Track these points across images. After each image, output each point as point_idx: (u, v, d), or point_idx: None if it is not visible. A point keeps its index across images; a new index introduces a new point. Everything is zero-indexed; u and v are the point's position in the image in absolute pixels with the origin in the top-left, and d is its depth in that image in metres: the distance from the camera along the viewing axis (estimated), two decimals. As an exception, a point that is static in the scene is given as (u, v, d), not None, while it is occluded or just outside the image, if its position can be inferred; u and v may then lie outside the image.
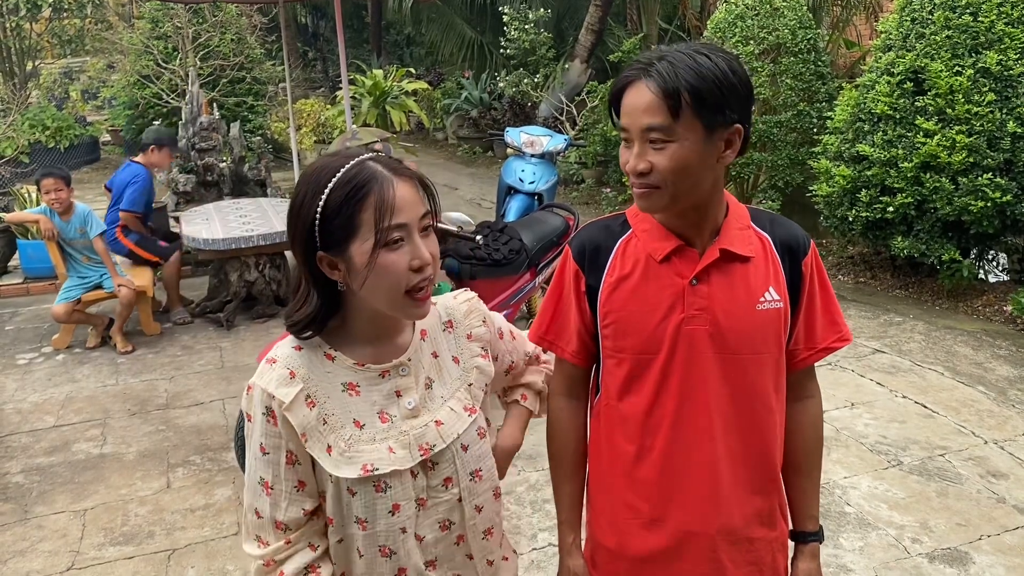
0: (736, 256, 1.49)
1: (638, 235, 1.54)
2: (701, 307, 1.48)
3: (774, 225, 1.56)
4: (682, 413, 1.51)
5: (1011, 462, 3.74)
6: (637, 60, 1.43)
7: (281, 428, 1.31)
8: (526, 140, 6.33)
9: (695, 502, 1.53)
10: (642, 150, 1.40)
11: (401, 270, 1.27)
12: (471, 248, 4.18)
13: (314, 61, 21.44)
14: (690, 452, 1.52)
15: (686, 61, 1.36)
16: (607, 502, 1.63)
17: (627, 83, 1.41)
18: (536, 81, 11.65)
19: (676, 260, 1.49)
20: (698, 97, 1.35)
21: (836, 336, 1.59)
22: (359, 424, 1.34)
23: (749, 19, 7.16)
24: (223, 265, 6.06)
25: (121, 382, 5.01)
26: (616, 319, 1.54)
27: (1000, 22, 5.43)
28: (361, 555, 1.38)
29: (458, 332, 1.49)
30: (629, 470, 1.57)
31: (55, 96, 14.27)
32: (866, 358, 4.92)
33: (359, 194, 1.25)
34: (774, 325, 1.50)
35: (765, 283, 1.50)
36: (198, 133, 7.54)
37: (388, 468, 1.33)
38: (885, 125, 5.77)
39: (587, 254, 1.58)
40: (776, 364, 1.53)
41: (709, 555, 1.55)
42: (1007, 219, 5.44)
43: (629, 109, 1.40)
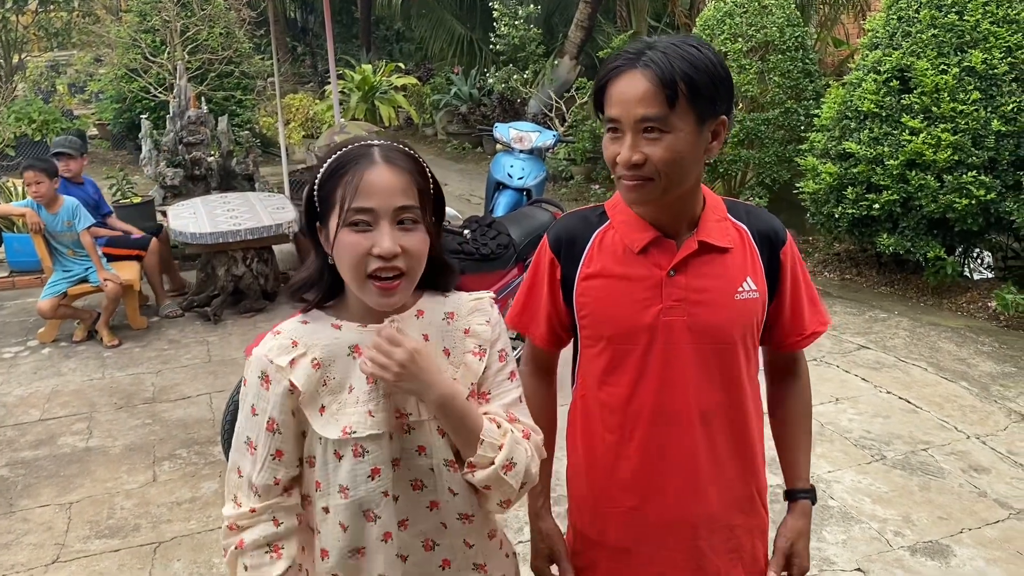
0: (714, 247, 1.50)
1: (616, 226, 1.55)
2: (679, 298, 1.49)
3: (751, 216, 1.57)
4: (661, 402, 1.52)
5: (992, 457, 3.78)
6: (624, 50, 1.42)
7: (271, 393, 1.36)
8: (515, 136, 6.33)
9: (675, 490, 1.55)
10: (635, 141, 1.38)
11: (359, 252, 1.29)
12: (459, 243, 4.19)
13: (303, 56, 21.36)
14: (669, 441, 1.53)
15: (679, 51, 1.36)
16: (587, 491, 1.65)
17: (616, 72, 1.39)
18: (525, 77, 11.65)
19: (654, 251, 1.50)
20: (693, 87, 1.35)
21: (819, 320, 1.64)
22: (351, 388, 1.37)
23: (738, 16, 7.19)
24: (210, 259, 6.04)
25: (107, 376, 5.00)
26: (593, 310, 1.55)
27: (985, 21, 5.47)
28: (345, 528, 1.39)
29: (457, 325, 1.46)
30: (609, 459, 1.59)
31: (41, 89, 14.18)
32: (851, 354, 4.96)
33: (339, 172, 1.31)
34: (751, 315, 1.52)
35: (743, 274, 1.51)
36: (186, 127, 7.50)
37: (365, 432, 1.35)
38: (871, 123, 5.81)
39: (563, 244, 1.59)
40: (749, 352, 1.55)
41: (689, 543, 1.57)
42: (991, 217, 5.49)
43: (621, 99, 1.38)
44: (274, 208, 6.31)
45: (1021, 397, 4.34)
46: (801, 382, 1.73)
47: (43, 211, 5.33)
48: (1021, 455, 3.78)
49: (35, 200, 5.30)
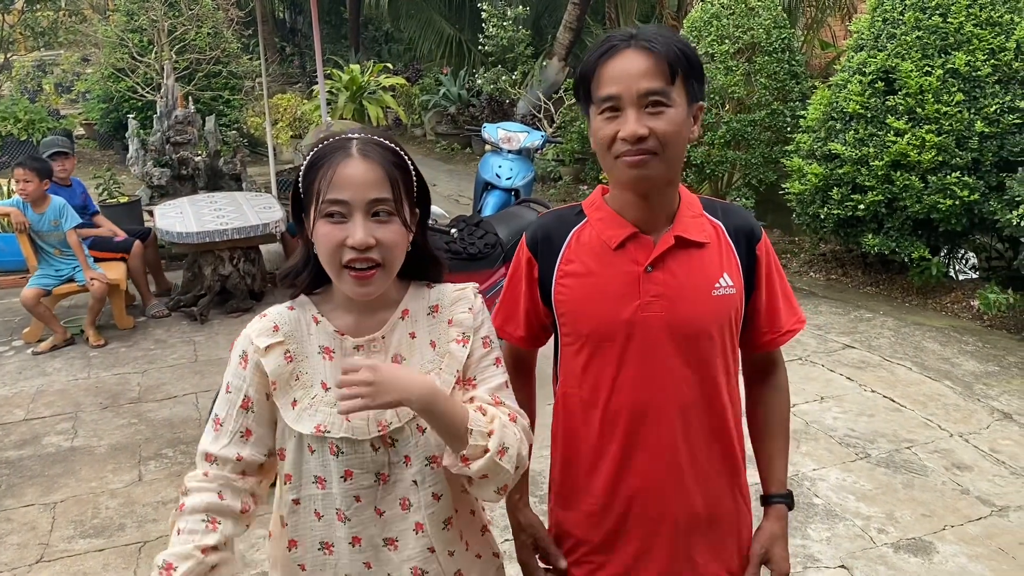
0: (691, 242, 1.51)
1: (593, 223, 1.56)
2: (656, 294, 1.49)
3: (726, 213, 1.59)
4: (641, 399, 1.53)
5: (975, 454, 3.81)
6: (611, 35, 1.44)
7: (248, 372, 1.39)
8: (503, 136, 6.35)
9: (656, 486, 1.55)
10: (638, 115, 1.39)
11: (332, 243, 1.33)
12: (446, 242, 4.20)
13: (291, 56, 21.31)
14: (649, 437, 1.54)
15: (669, 34, 1.42)
16: (570, 488, 1.65)
17: (611, 53, 1.41)
18: (514, 78, 11.67)
19: (631, 247, 1.51)
20: (689, 65, 1.40)
21: (795, 319, 1.64)
22: (325, 386, 1.39)
23: (724, 18, 7.22)
24: (197, 259, 6.03)
25: (93, 376, 4.98)
26: (571, 307, 1.56)
27: (968, 24, 5.52)
28: (320, 516, 1.41)
29: (441, 317, 1.49)
30: (590, 456, 1.59)
31: (28, 89, 14.11)
32: (836, 353, 4.99)
33: (317, 164, 1.35)
34: (728, 311, 1.53)
35: (720, 269, 1.52)
36: (173, 127, 7.48)
37: (339, 434, 1.36)
38: (857, 124, 5.85)
39: (540, 243, 1.60)
40: (727, 348, 1.56)
41: (672, 538, 1.58)
42: (975, 217, 5.53)
43: (622, 75, 1.39)
44: (261, 208, 6.30)
45: (1003, 396, 4.38)
46: (779, 384, 1.72)
47: (29, 210, 5.30)
48: (1003, 453, 3.81)
49: (22, 199, 5.28)
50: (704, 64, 5.79)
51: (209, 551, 1.32)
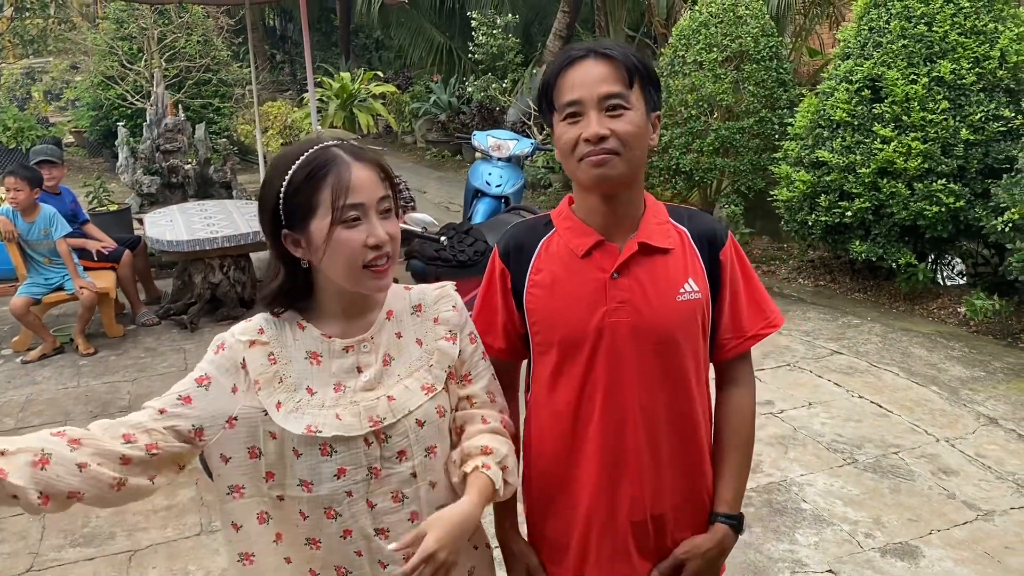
0: (655, 249, 1.54)
1: (560, 233, 1.59)
2: (623, 300, 1.52)
3: (692, 219, 1.62)
4: (609, 404, 1.55)
5: (961, 459, 3.84)
6: (570, 49, 1.51)
7: (218, 357, 1.41)
8: (493, 144, 6.37)
9: (628, 492, 1.58)
10: (599, 117, 1.45)
11: (356, 246, 1.36)
12: (436, 249, 4.21)
13: (282, 63, 21.31)
14: (619, 443, 1.56)
15: (625, 46, 1.49)
16: (543, 495, 1.67)
17: (571, 63, 1.48)
18: (504, 86, 11.70)
19: (597, 255, 1.54)
20: (646, 71, 1.47)
21: (764, 323, 1.64)
22: (311, 391, 1.41)
23: (713, 27, 7.27)
24: (187, 267, 6.03)
25: (83, 384, 4.97)
26: (542, 315, 1.59)
27: (953, 32, 5.58)
28: (305, 516, 1.43)
29: (425, 316, 1.54)
30: (561, 463, 1.62)
31: (17, 96, 14.07)
32: (824, 359, 5.02)
33: (318, 175, 1.35)
34: (694, 315, 1.55)
35: (685, 275, 1.55)
36: (163, 135, 7.49)
37: (331, 433, 1.38)
38: (844, 131, 5.90)
39: (511, 253, 1.63)
40: (696, 353, 1.58)
41: (645, 543, 1.61)
42: (961, 224, 5.59)
43: (582, 81, 1.46)
44: (251, 215, 6.30)
45: (989, 401, 4.42)
46: (742, 393, 1.68)
47: (19, 219, 5.30)
48: (989, 458, 3.85)
49: (12, 207, 5.27)
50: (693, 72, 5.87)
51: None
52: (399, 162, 12.99)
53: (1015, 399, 4.44)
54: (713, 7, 7.34)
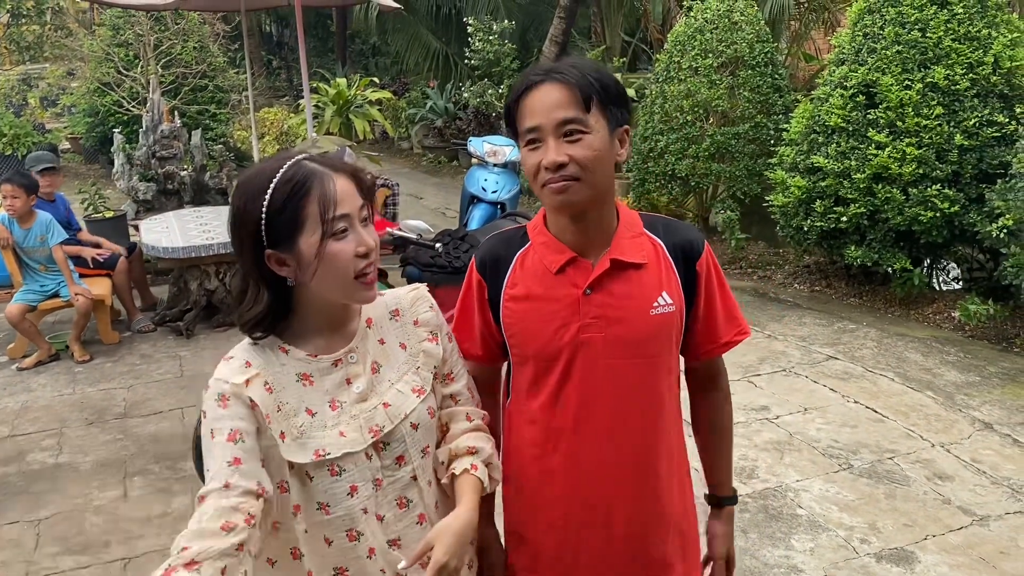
0: (628, 264, 1.55)
1: (535, 247, 1.60)
2: (596, 315, 1.53)
3: (668, 230, 1.62)
4: (582, 416, 1.57)
5: (956, 464, 3.85)
6: (529, 72, 1.51)
7: (229, 410, 1.31)
8: (489, 150, 6.39)
9: (602, 503, 1.59)
10: (557, 144, 1.45)
11: (348, 258, 1.35)
12: (431, 256, 4.22)
13: (278, 70, 21.34)
14: (592, 454, 1.58)
15: (584, 65, 1.47)
16: (520, 502, 1.68)
17: (529, 88, 1.48)
18: (500, 92, 11.72)
19: (571, 271, 1.55)
20: (605, 91, 1.45)
21: (736, 331, 1.67)
22: (311, 412, 1.39)
23: (708, 32, 7.29)
24: (183, 274, 6.02)
25: (78, 391, 4.96)
26: (518, 330, 1.60)
27: (947, 38, 5.60)
28: (330, 543, 1.40)
29: (405, 319, 1.55)
30: (536, 472, 1.63)
31: (13, 103, 14.05)
32: (820, 364, 5.03)
33: (302, 190, 1.32)
34: (667, 328, 1.57)
35: (658, 288, 1.56)
36: (159, 141, 7.49)
37: (339, 452, 1.37)
38: (839, 137, 5.91)
39: (488, 265, 1.64)
40: (668, 364, 1.60)
41: (621, 554, 1.61)
42: (955, 229, 5.60)
43: (539, 108, 1.46)
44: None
45: (984, 406, 4.43)
46: (721, 393, 1.76)
47: (15, 226, 5.30)
48: (984, 463, 3.85)
49: (8, 214, 5.27)
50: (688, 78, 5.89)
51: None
52: (396, 168, 13.00)
53: (1010, 404, 4.44)
54: (708, 13, 7.37)
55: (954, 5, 5.66)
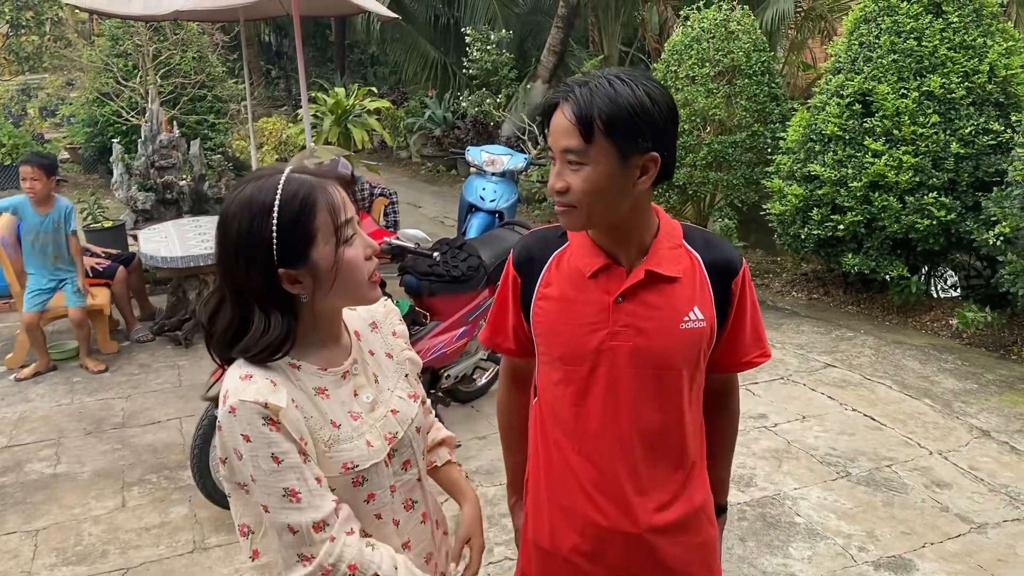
0: (662, 277, 1.54)
1: (572, 249, 1.61)
2: (625, 324, 1.53)
3: (707, 247, 1.61)
4: (605, 422, 1.58)
5: (954, 472, 3.85)
6: (565, 83, 1.49)
7: (284, 433, 1.27)
8: (487, 159, 6.41)
9: (621, 505, 1.60)
10: (561, 170, 1.47)
11: (362, 261, 1.36)
12: (429, 265, 4.22)
13: (277, 79, 21.38)
14: (612, 458, 1.59)
15: (605, 88, 1.41)
16: (543, 500, 1.70)
17: (553, 105, 1.48)
18: (499, 101, 11.75)
19: (604, 277, 1.55)
20: (610, 124, 1.40)
21: (759, 352, 1.68)
22: (336, 424, 1.37)
23: (705, 42, 7.32)
24: (181, 283, 6.03)
25: (76, 401, 4.96)
26: (546, 329, 1.62)
27: (943, 47, 5.62)
28: None
29: (384, 331, 1.57)
30: (560, 472, 1.65)
31: (12, 113, 14.09)
32: (817, 372, 5.03)
33: (308, 204, 1.30)
34: (696, 344, 1.56)
35: (691, 303, 1.55)
36: (158, 151, 7.50)
37: (368, 463, 1.38)
38: (835, 145, 5.93)
39: (523, 263, 1.66)
40: (692, 379, 1.60)
41: (638, 558, 1.62)
42: (952, 237, 5.61)
43: (552, 130, 1.47)
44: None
45: (982, 413, 4.43)
46: (731, 411, 1.80)
47: (30, 211, 5.24)
48: (982, 470, 3.86)
49: (29, 197, 5.22)
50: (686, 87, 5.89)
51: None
52: (394, 177, 13.02)
53: (1008, 411, 4.45)
54: (705, 23, 7.39)
55: (949, 14, 5.69)
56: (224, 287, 1.35)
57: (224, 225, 1.32)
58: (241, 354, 1.32)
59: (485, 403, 4.73)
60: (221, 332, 1.34)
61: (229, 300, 1.34)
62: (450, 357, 4.30)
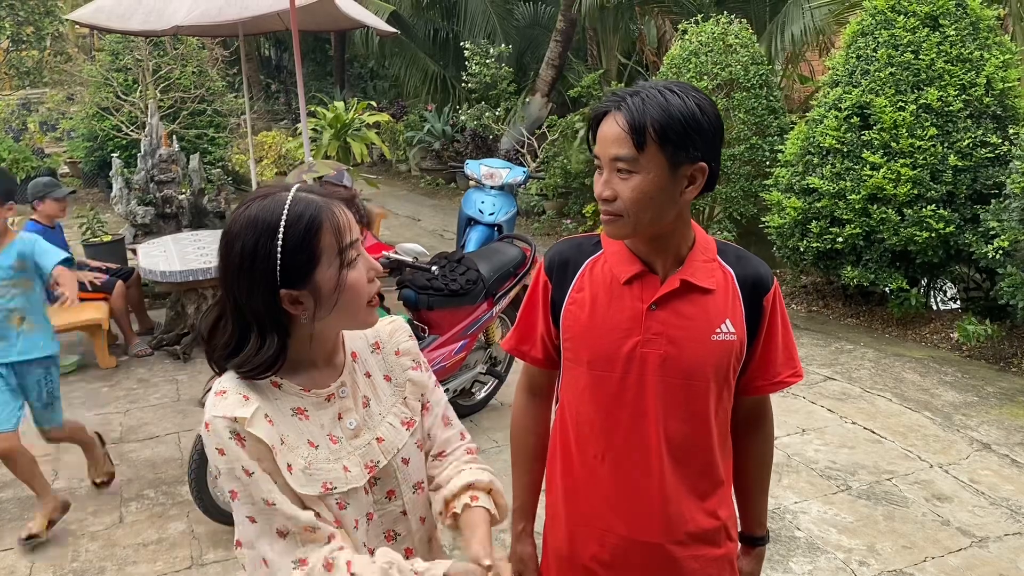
0: (696, 287, 1.55)
1: (607, 256, 1.61)
2: (657, 332, 1.54)
3: (740, 262, 1.62)
4: (632, 430, 1.58)
5: (955, 485, 3.83)
6: (614, 92, 1.51)
7: (249, 448, 1.28)
8: (485, 172, 6.41)
9: (644, 516, 1.59)
10: (609, 178, 1.47)
11: (364, 284, 1.34)
12: (427, 279, 4.23)
13: (277, 93, 21.45)
14: (638, 467, 1.59)
15: (657, 98, 1.43)
16: (563, 508, 1.69)
17: (603, 113, 1.49)
18: (497, 114, 11.79)
19: (638, 284, 1.56)
20: (663, 133, 1.42)
21: (791, 371, 1.67)
22: (313, 444, 1.35)
23: (703, 55, 7.35)
24: (180, 297, 6.02)
25: (75, 416, 4.93)
26: (576, 334, 1.61)
27: (939, 60, 5.64)
28: None
29: (386, 351, 1.53)
30: (585, 478, 1.64)
31: (12, 127, 14.11)
32: (817, 385, 5.02)
33: (315, 224, 1.28)
34: (726, 356, 1.56)
35: (723, 316, 1.56)
36: (157, 165, 7.52)
37: (346, 487, 1.36)
38: (833, 158, 5.94)
39: (556, 268, 1.67)
40: (721, 392, 1.59)
41: (654, 566, 1.61)
42: (951, 249, 5.62)
43: (601, 138, 1.48)
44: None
45: (983, 426, 4.42)
46: (766, 435, 1.78)
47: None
48: (982, 483, 3.84)
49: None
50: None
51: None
52: (393, 190, 13.04)
53: (1008, 424, 4.44)
54: (703, 36, 7.42)
55: (946, 27, 5.71)
56: (225, 302, 1.34)
57: (228, 243, 1.31)
58: (235, 369, 1.32)
59: (484, 417, 4.72)
60: (221, 347, 1.34)
61: (229, 315, 1.33)
62: (449, 371, 4.29)
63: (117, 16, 6.96)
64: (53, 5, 12.92)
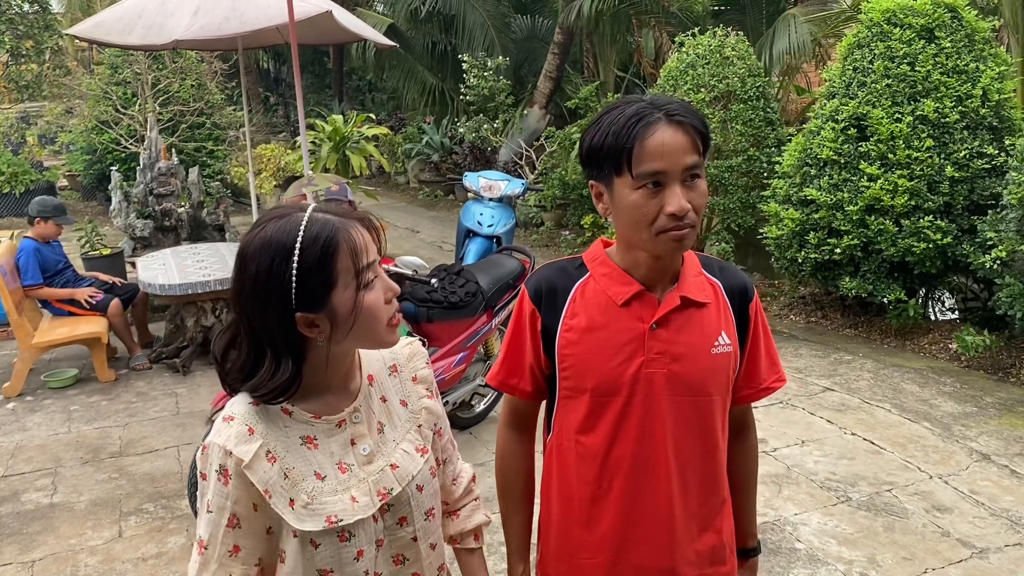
0: (693, 302, 1.55)
1: (597, 279, 1.58)
2: (660, 351, 1.52)
3: (723, 272, 1.63)
4: (640, 453, 1.55)
5: (955, 496, 3.83)
6: (647, 103, 1.44)
7: (231, 488, 1.27)
8: (484, 184, 6.43)
9: (651, 541, 1.57)
10: (684, 191, 1.42)
11: (383, 305, 1.31)
12: (427, 291, 4.23)
13: (276, 106, 21.50)
14: (647, 491, 1.56)
15: (688, 105, 1.46)
16: (561, 542, 1.65)
17: (647, 129, 1.40)
18: (496, 127, 11.83)
19: (636, 305, 1.53)
20: (704, 136, 1.45)
21: (775, 377, 1.68)
22: (320, 476, 1.33)
23: (700, 67, 7.37)
24: (179, 310, 6.03)
25: (74, 430, 4.94)
26: (576, 361, 1.57)
27: (936, 72, 5.67)
28: None
29: (403, 375, 1.50)
30: (585, 510, 1.60)
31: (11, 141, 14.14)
32: (816, 396, 5.03)
33: (331, 246, 1.25)
34: (726, 368, 1.57)
35: (718, 328, 1.56)
36: (156, 178, 7.54)
37: (352, 519, 1.33)
38: (831, 169, 5.96)
39: (544, 295, 1.61)
40: (723, 405, 1.60)
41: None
42: (949, 260, 5.63)
43: (665, 151, 1.40)
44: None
45: (982, 437, 4.42)
46: (751, 441, 1.78)
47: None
48: (982, 494, 3.84)
49: None
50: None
51: None
52: (392, 202, 13.07)
53: (1007, 434, 4.44)
54: (700, 48, 7.44)
55: (942, 39, 5.74)
56: (239, 324, 1.32)
57: (242, 264, 1.28)
58: (250, 392, 1.31)
59: (484, 429, 4.72)
60: (236, 369, 1.33)
61: (243, 337, 1.31)
62: (449, 383, 4.29)
63: (117, 31, 6.98)
64: (53, 19, 12.98)
